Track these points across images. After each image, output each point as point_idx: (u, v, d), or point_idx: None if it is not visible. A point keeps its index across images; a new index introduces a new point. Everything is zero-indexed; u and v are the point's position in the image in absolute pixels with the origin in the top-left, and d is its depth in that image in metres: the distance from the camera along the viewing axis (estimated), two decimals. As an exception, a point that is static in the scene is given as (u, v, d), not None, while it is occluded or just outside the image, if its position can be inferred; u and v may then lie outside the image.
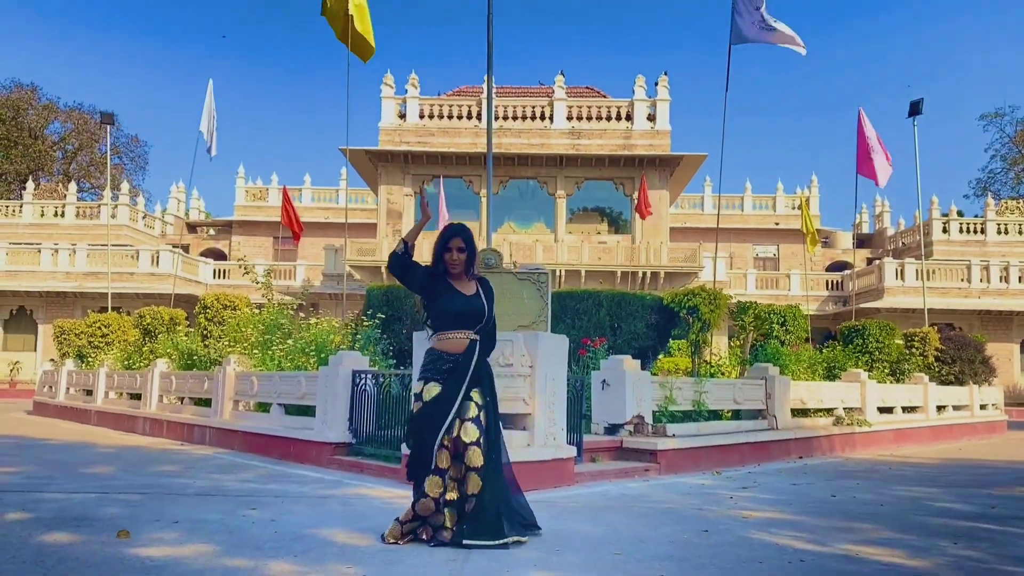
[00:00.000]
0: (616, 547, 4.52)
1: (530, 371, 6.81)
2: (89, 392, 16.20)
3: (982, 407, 18.13)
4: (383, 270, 30.96)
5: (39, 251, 38.01)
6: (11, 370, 36.33)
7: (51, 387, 18.63)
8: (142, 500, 5.94)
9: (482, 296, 4.65)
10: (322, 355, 9.68)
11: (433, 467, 4.41)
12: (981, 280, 38.28)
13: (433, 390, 4.51)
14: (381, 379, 8.19)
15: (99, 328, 17.29)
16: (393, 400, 7.98)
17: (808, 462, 10.17)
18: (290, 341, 10.35)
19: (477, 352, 4.58)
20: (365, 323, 10.63)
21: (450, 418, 4.42)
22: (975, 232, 42.12)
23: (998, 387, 19.58)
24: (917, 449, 13.00)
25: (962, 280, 38.25)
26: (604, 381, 8.75)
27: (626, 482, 7.64)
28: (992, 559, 4.45)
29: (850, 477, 8.57)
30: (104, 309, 35.23)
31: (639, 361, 9.07)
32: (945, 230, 41.86)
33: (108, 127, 28.19)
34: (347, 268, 30.64)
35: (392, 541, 4.44)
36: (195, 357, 12.41)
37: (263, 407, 10.32)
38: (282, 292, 37.82)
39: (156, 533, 4.70)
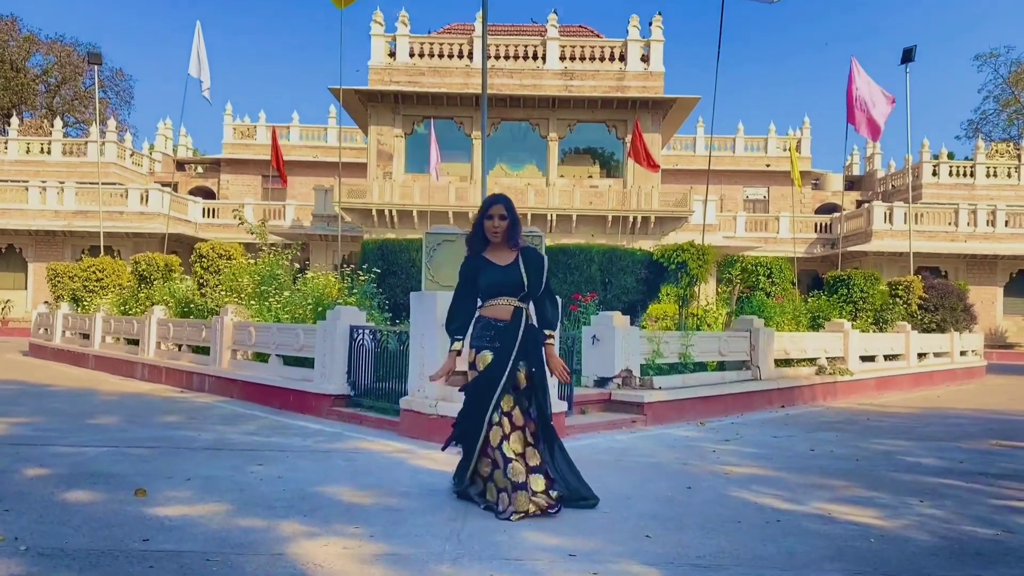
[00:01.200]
0: (604, 505, 4.82)
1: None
2: (86, 336, 16.42)
3: (962, 353, 18.59)
4: (373, 212, 31.02)
5: (26, 189, 37.79)
6: (2, 309, 36.47)
7: (47, 329, 18.83)
8: (152, 455, 6.21)
9: (521, 266, 4.61)
10: (319, 309, 9.89)
11: (482, 442, 4.53)
12: (968, 224, 38.60)
13: (487, 358, 4.57)
14: (379, 335, 8.43)
15: (94, 272, 17.40)
16: (390, 355, 8.23)
17: (790, 412, 10.54)
18: (287, 293, 10.54)
19: (524, 320, 4.60)
20: (361, 277, 10.82)
21: (499, 390, 4.48)
22: (964, 175, 42.28)
23: (979, 333, 20.02)
24: (897, 397, 13.42)
25: (949, 224, 38.58)
26: (594, 336, 9.02)
27: (614, 434, 7.97)
28: (955, 519, 4.78)
29: (829, 429, 8.93)
30: (95, 248, 35.30)
31: (628, 317, 9.33)
32: (935, 173, 42.01)
33: (96, 67, 27.74)
34: (338, 210, 30.68)
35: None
36: (192, 306, 12.60)
37: (261, 357, 10.57)
38: (273, 232, 37.87)
39: (171, 491, 4.97)
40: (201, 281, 12.62)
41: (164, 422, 8.20)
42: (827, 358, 12.93)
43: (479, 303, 4.69)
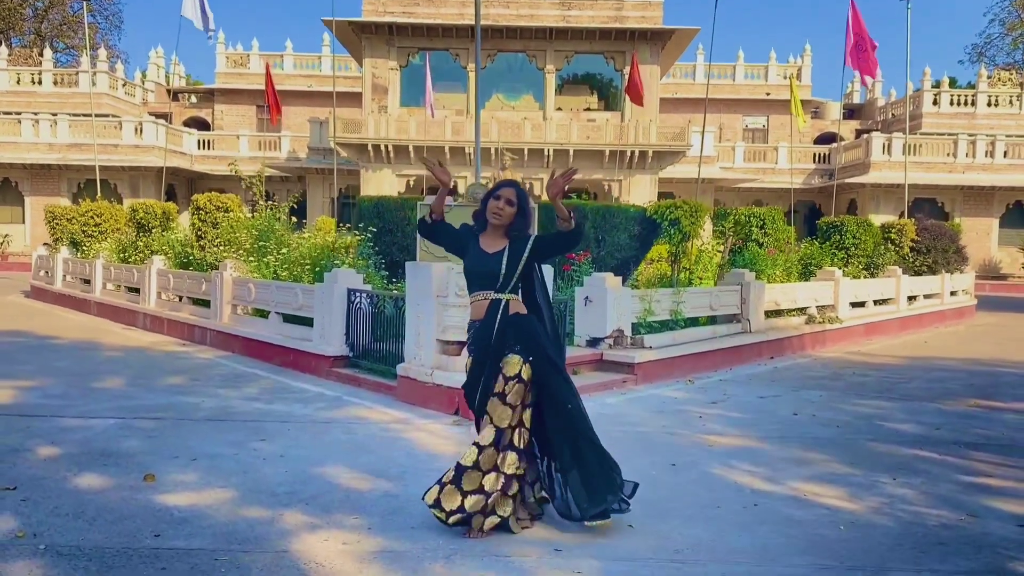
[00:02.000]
0: (591, 489, 5.07)
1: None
2: (86, 281, 16.59)
3: (952, 294, 18.83)
4: (369, 148, 30.83)
5: (19, 121, 37.44)
6: (1, 243, 36.52)
7: (47, 272, 18.99)
8: (158, 428, 6.45)
9: (504, 253, 4.31)
10: (316, 268, 10.04)
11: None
12: (967, 155, 38.47)
13: (468, 361, 4.51)
14: (376, 299, 8.60)
15: (92, 217, 17.48)
16: (387, 319, 8.42)
17: (778, 365, 10.79)
18: (285, 250, 10.67)
19: (499, 315, 4.32)
20: (357, 236, 10.93)
21: (478, 394, 4.35)
22: (965, 104, 41.91)
23: (970, 273, 20.21)
24: (885, 343, 13.68)
25: (948, 155, 38.43)
26: (587, 298, 9.20)
27: (605, 397, 8.21)
28: (923, 500, 5.04)
29: (814, 386, 9.18)
30: (91, 182, 35.17)
31: (620, 278, 9.49)
32: (935, 102, 41.63)
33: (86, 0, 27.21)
34: (334, 145, 30.49)
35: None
36: (191, 258, 12.74)
37: (261, 312, 10.77)
38: (269, 165, 37.66)
39: (178, 474, 5.21)
40: (199, 233, 12.72)
41: (168, 385, 8.44)
42: (817, 307, 13.15)
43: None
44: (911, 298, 16.65)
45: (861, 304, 14.62)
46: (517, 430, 4.29)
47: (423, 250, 7.39)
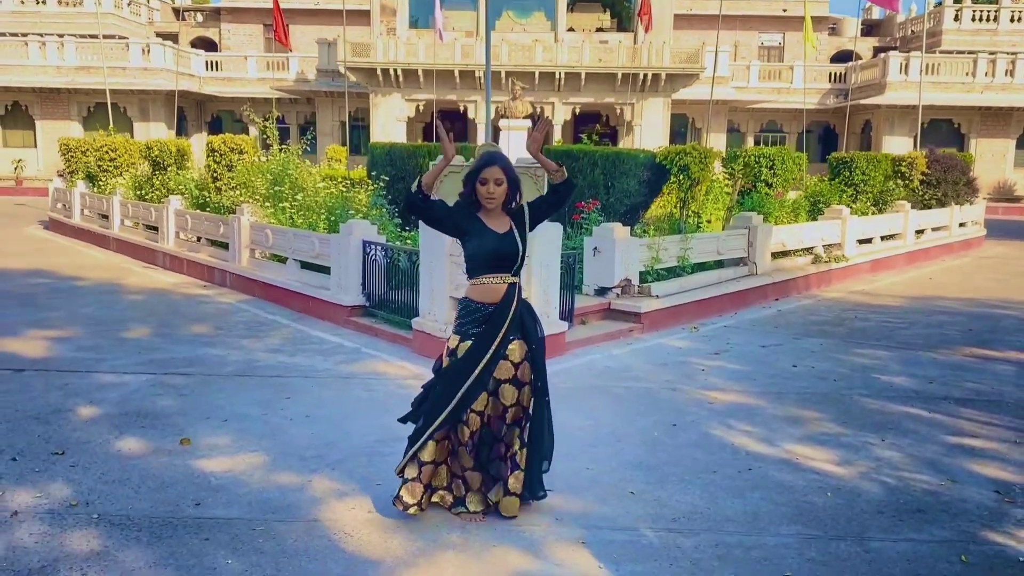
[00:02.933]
0: (594, 453, 5.44)
1: (527, 260, 7.49)
2: (104, 216, 16.88)
3: (961, 225, 18.95)
4: (378, 72, 30.57)
5: (26, 43, 37.13)
6: (15, 168, 36.72)
7: (64, 205, 19.27)
8: (188, 386, 6.83)
9: (515, 232, 4.21)
10: (331, 217, 10.28)
11: (429, 436, 4.26)
12: (986, 74, 37.80)
13: (466, 346, 4.22)
14: (390, 252, 8.87)
15: (107, 152, 17.65)
16: (402, 271, 8.71)
17: (782, 308, 11.07)
18: (300, 196, 10.89)
19: (516, 298, 4.24)
20: (370, 185, 11.12)
21: (468, 385, 4.18)
22: (987, 20, 40.90)
23: (980, 204, 20.25)
24: (890, 280, 13.92)
25: (967, 74, 37.77)
26: (595, 248, 9.44)
27: (612, 348, 8.54)
28: (907, 463, 5.38)
29: (816, 333, 9.48)
30: (100, 106, 35.14)
31: (628, 228, 9.71)
32: (956, 18, 40.66)
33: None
34: (343, 70, 30.23)
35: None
36: (207, 202, 12.98)
37: (279, 257, 11.06)
38: (277, 88, 37.44)
39: (211, 437, 5.60)
40: (215, 175, 12.92)
41: (194, 335, 8.81)
42: (824, 245, 13.34)
43: (465, 275, 4.34)
44: (919, 232, 16.79)
45: (868, 240, 14.79)
46: (512, 408, 4.33)
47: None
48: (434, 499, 4.45)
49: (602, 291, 9.51)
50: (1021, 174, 38.64)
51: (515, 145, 20.89)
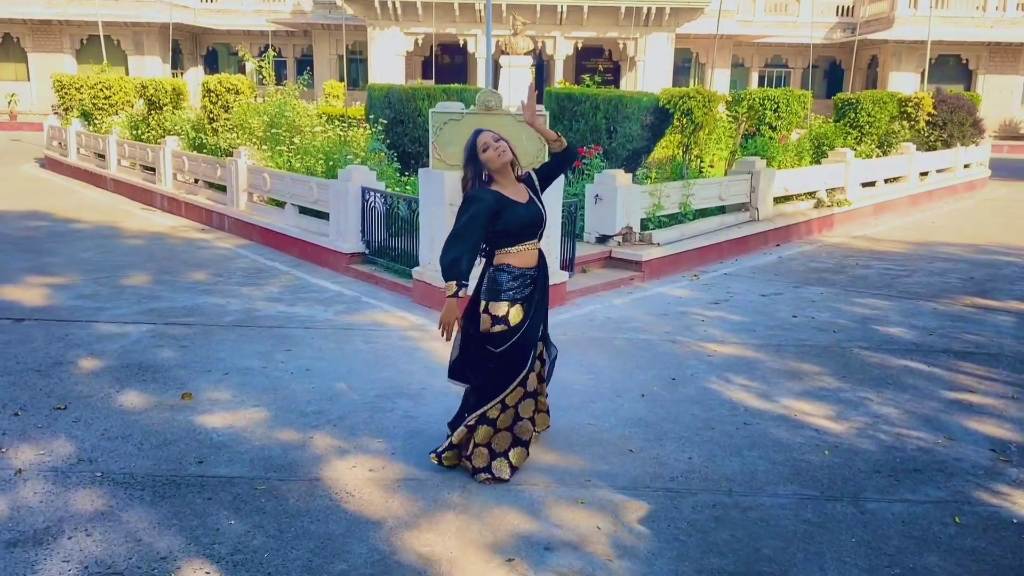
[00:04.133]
0: (594, 408, 5.47)
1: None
2: (101, 156, 16.72)
3: (966, 166, 18.79)
4: (375, 3, 29.92)
5: (15, -26, 36.30)
6: (9, 102, 36.25)
7: (60, 144, 19.07)
8: (189, 337, 6.84)
9: (535, 199, 4.33)
10: (330, 162, 10.16)
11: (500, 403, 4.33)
12: (997, 8, 37.05)
13: (519, 312, 4.27)
14: (390, 199, 8.79)
15: (101, 90, 17.37)
16: (401, 219, 8.64)
17: (783, 254, 11.04)
18: (297, 139, 10.75)
19: (544, 261, 4.46)
20: (368, 128, 10.95)
21: (534, 351, 4.40)
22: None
23: (985, 144, 20.05)
24: (893, 224, 13.85)
25: (977, 8, 37.04)
26: (597, 196, 9.36)
27: (612, 297, 8.54)
28: (904, 419, 5.42)
29: (816, 281, 9.47)
30: (94, 39, 34.51)
31: (630, 175, 9.61)
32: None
33: None
34: (340, 2, 29.59)
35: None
36: (204, 143, 12.82)
37: (277, 201, 10.98)
38: (273, 21, 36.72)
39: (212, 391, 5.63)
40: (211, 116, 12.74)
41: (193, 282, 8.79)
42: (827, 189, 13.23)
43: (497, 247, 4.28)
44: (923, 174, 16.66)
45: (871, 184, 14.67)
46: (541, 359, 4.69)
47: (436, 158, 7.51)
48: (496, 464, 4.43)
49: (603, 239, 9.47)
50: (1028, 111, 38.17)
51: (515, 82, 20.61)
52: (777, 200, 12.05)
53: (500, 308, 4.27)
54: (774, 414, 5.47)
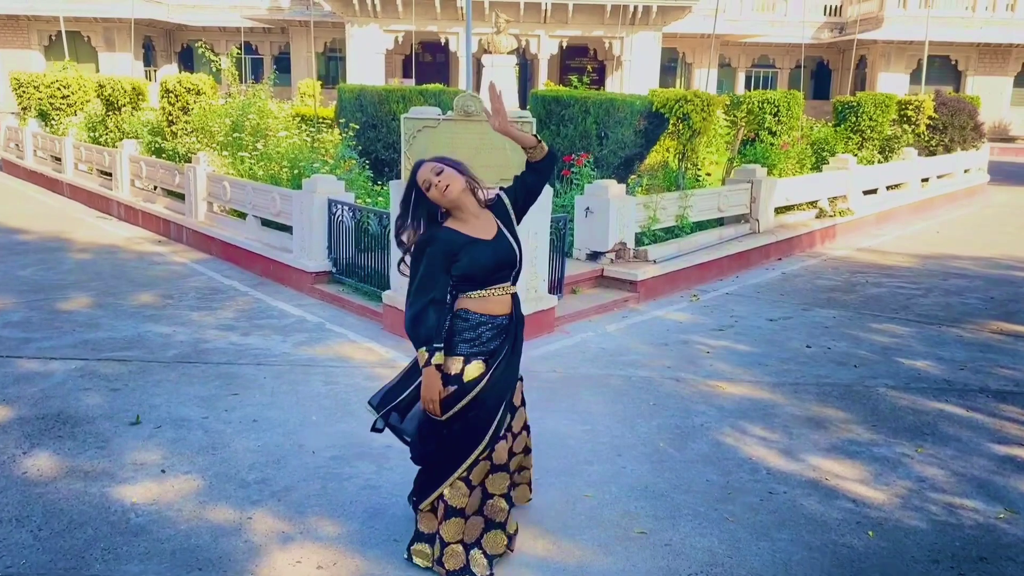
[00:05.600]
0: (591, 472, 4.63)
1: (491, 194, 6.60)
2: (57, 159, 15.74)
3: (965, 171, 18.14)
4: (354, 0, 28.97)
5: (-21, -34, 34.99)
6: (-27, 100, 34.95)
7: (18, 145, 18.07)
8: (122, 377, 5.94)
9: (505, 233, 3.44)
10: (295, 170, 9.27)
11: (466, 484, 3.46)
12: (987, 8, 36.54)
13: (475, 370, 3.43)
14: (359, 212, 7.93)
15: (59, 88, 16.37)
16: (371, 236, 7.78)
17: (786, 269, 10.25)
18: (260, 145, 9.85)
19: (520, 308, 3.62)
20: (338, 134, 10.07)
21: (499, 416, 3.50)
22: (989, -48, 39.37)
23: (985, 149, 19.41)
24: (896, 234, 13.11)
25: (966, 8, 36.51)
26: (587, 208, 8.53)
27: (606, 323, 7.70)
28: (953, 484, 4.61)
29: (825, 303, 8.68)
30: (67, 34, 33.26)
31: (623, 186, 8.79)
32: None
33: None
34: (317, -2, 28.62)
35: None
36: (163, 148, 11.88)
37: (240, 212, 10.08)
38: (249, 18, 35.67)
39: (139, 450, 4.74)
40: (170, 118, 11.81)
41: (139, 305, 7.89)
42: (829, 199, 12.47)
43: (455, 293, 3.45)
44: (924, 179, 15.96)
45: (873, 191, 13.93)
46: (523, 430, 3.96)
47: (408, 169, 6.65)
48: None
49: (594, 256, 8.63)
50: (1017, 113, 37.73)
51: (499, 82, 19.75)
52: (777, 211, 11.26)
53: (453, 364, 3.43)
54: (801, 478, 4.65)
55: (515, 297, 3.58)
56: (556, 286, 7.67)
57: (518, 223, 3.61)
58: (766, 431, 5.30)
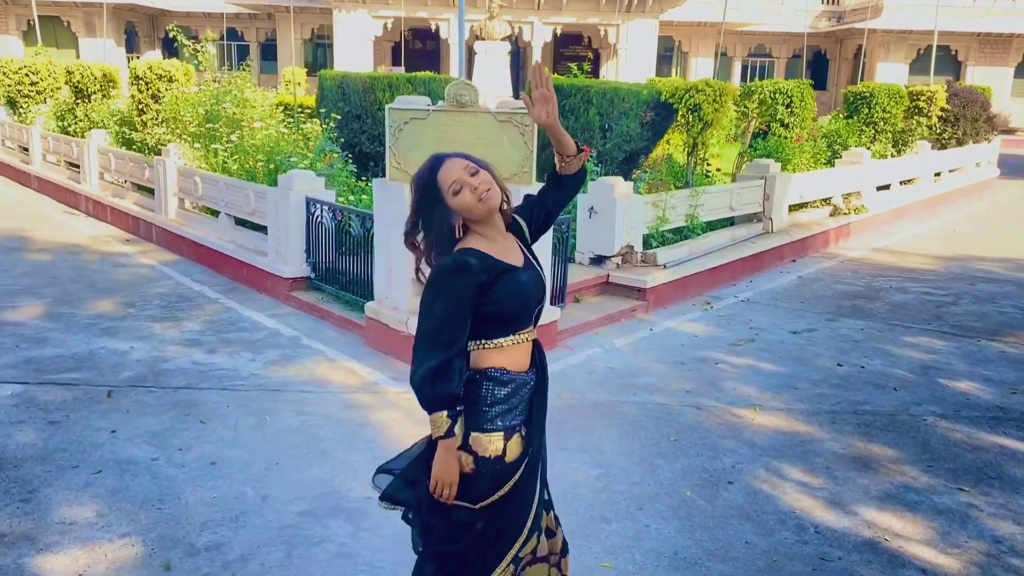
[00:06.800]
0: (608, 533, 3.90)
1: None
2: (25, 150, 14.89)
3: (976, 165, 17.47)
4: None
5: (-45, -53, 33.93)
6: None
7: (-14, 134, 17.15)
8: (65, 407, 5.17)
9: (532, 258, 2.63)
10: (271, 164, 8.48)
11: None
12: (987, -3, 35.89)
13: (517, 447, 2.52)
14: (339, 213, 7.16)
15: (27, 75, 15.47)
16: (354, 239, 7.02)
17: (802, 273, 9.52)
18: (235, 137, 9.06)
19: (543, 357, 2.69)
20: (318, 124, 9.28)
21: (536, 502, 2.65)
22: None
23: (996, 141, 18.75)
24: (912, 232, 12.42)
25: (967, -3, 35.81)
26: (591, 208, 7.78)
27: (613, 336, 6.96)
28: (1036, 546, 3.91)
29: (850, 312, 7.96)
30: (44, 19, 32.24)
31: (631, 184, 8.05)
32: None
33: None
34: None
35: None
36: (132, 139, 11.06)
37: (213, 210, 9.29)
38: (233, 2, 34.68)
39: (71, 504, 3.99)
40: (141, 107, 10.98)
41: (96, 315, 7.11)
42: (843, 195, 11.76)
43: (479, 339, 2.50)
44: (936, 174, 15.28)
45: (886, 187, 13.22)
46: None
47: (394, 167, 5.89)
48: None
49: (598, 260, 7.89)
50: (1018, 104, 37.09)
51: (491, 71, 18.96)
52: (790, 208, 10.53)
53: (489, 443, 2.48)
54: (857, 538, 3.93)
55: (537, 344, 2.70)
56: (558, 295, 6.93)
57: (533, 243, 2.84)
58: (807, 474, 4.58)
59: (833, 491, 4.39)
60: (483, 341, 2.52)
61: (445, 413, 2.40)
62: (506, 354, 2.53)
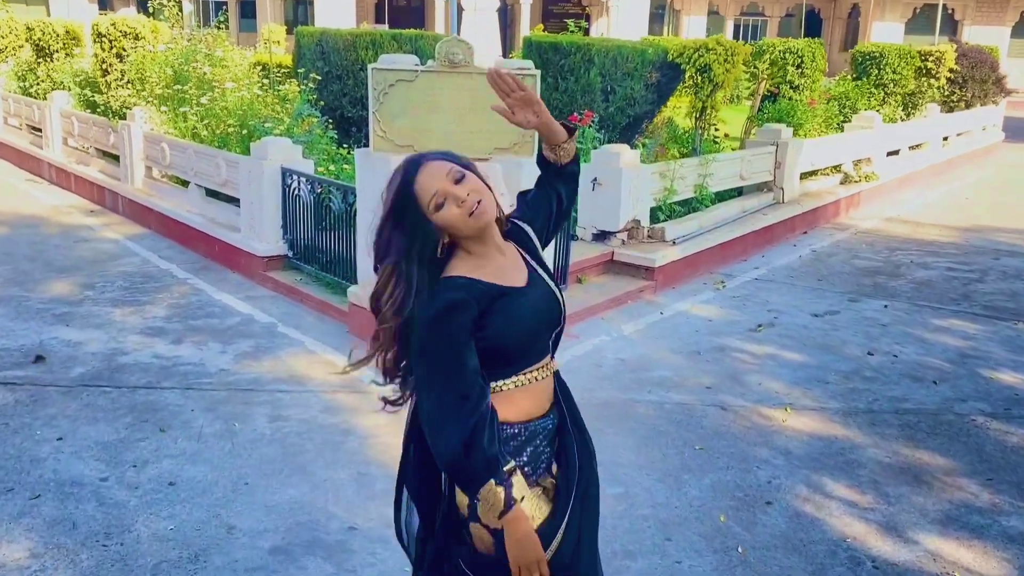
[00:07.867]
0: (635, 572, 3.33)
1: (510, 210, 5.20)
2: (-14, 112, 14.02)
3: (983, 128, 16.90)
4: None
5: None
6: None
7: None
8: (5, 411, 4.54)
9: (541, 274, 2.10)
10: (244, 130, 7.76)
11: None
12: (985, -47, 35.06)
13: (540, 510, 1.97)
14: (318, 185, 6.48)
15: (-14, 32, 14.54)
16: (335, 215, 6.35)
17: (815, 246, 8.93)
18: (205, 100, 8.31)
19: (565, 388, 2.16)
20: (296, 85, 8.54)
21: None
22: None
23: (1002, 103, 18.16)
24: (922, 201, 11.84)
25: (964, -47, 34.96)
26: (595, 179, 7.12)
27: (621, 321, 6.36)
28: None
29: (872, 290, 7.39)
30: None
31: (637, 152, 7.40)
32: None
33: None
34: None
35: None
36: (96, 101, 10.25)
37: (183, 180, 8.58)
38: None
39: (4, 544, 3.38)
40: (105, 68, 10.17)
41: (51, 298, 6.44)
42: (853, 161, 11.14)
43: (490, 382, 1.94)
44: (944, 137, 14.69)
45: (895, 152, 12.62)
46: None
47: (379, 135, 5.22)
48: None
49: (602, 236, 7.27)
50: (1015, 65, 36.29)
51: (482, 32, 18.12)
52: (802, 176, 9.91)
53: (504, 494, 1.86)
54: (920, 574, 3.38)
55: (558, 376, 2.12)
56: (560, 276, 6.31)
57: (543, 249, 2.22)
58: (853, 491, 4.02)
59: (886, 512, 3.84)
60: (494, 381, 1.95)
61: (493, 481, 1.83)
62: (509, 400, 1.96)
